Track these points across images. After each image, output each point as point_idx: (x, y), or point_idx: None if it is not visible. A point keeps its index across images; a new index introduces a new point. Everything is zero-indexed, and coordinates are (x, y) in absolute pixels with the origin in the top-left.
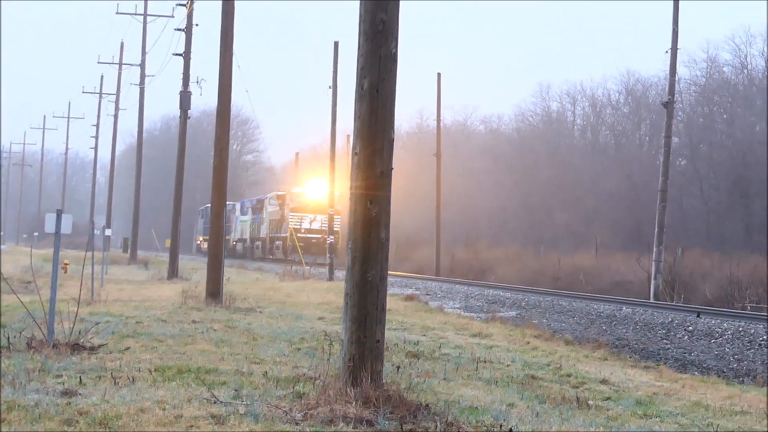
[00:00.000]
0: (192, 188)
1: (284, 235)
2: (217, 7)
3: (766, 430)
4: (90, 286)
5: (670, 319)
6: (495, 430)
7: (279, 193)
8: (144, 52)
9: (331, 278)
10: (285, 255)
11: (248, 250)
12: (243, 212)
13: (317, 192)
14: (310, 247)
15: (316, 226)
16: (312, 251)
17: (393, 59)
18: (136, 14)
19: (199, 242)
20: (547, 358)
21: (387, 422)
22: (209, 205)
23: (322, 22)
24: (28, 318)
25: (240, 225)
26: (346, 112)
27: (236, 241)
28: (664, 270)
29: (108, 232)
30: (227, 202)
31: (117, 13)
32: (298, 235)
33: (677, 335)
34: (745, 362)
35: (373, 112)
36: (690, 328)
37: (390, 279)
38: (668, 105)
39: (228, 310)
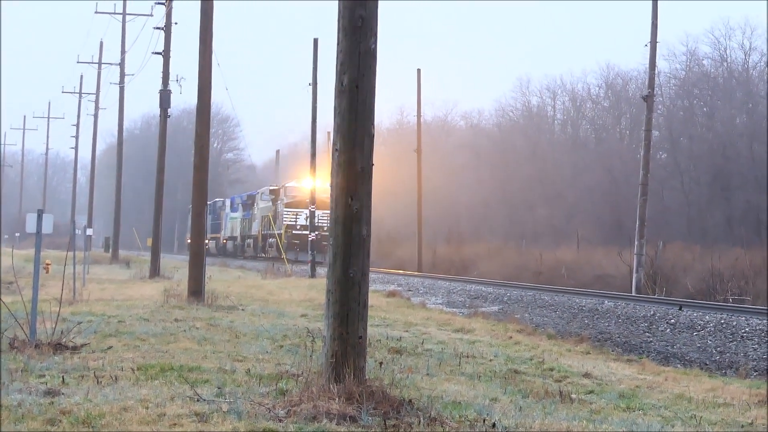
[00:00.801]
0: (173, 187)
1: (278, 232)
2: (196, 5)
3: (748, 422)
4: (72, 286)
5: (652, 313)
6: (478, 424)
7: (272, 187)
8: (123, 51)
9: (313, 275)
10: (280, 253)
11: (239, 249)
12: (233, 209)
13: (316, 184)
14: (305, 244)
15: (312, 222)
16: (309, 249)
17: (372, 55)
18: (115, 13)
19: (188, 241)
20: (530, 352)
21: (370, 418)
22: None
23: (302, 19)
24: (10, 318)
25: (230, 222)
26: (327, 109)
27: (227, 239)
28: (645, 263)
29: (89, 231)
30: (217, 199)
31: (96, 12)
32: (294, 232)
33: (659, 328)
34: (728, 354)
35: (353, 108)
36: (672, 320)
37: (372, 275)
38: (648, 99)
39: (210, 308)
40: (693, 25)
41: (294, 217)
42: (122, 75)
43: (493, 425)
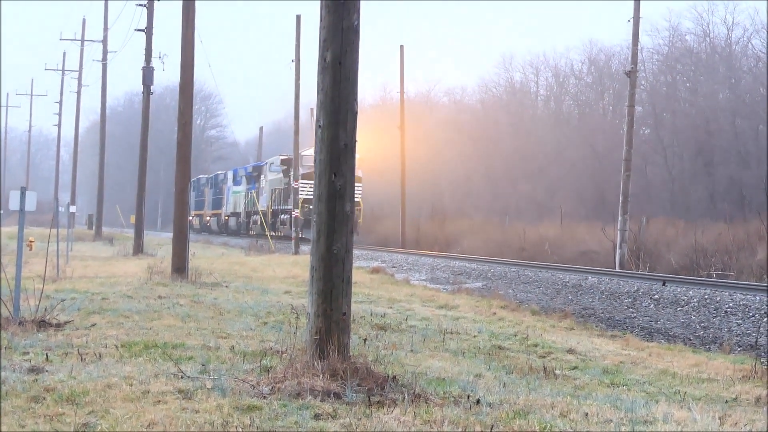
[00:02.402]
0: (156, 164)
1: (292, 207)
2: None
3: (732, 397)
4: (55, 263)
5: (635, 288)
6: (462, 400)
7: (283, 156)
8: (106, 28)
9: (296, 252)
10: (296, 232)
11: (242, 226)
12: (236, 182)
13: None
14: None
15: None
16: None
17: (355, 31)
18: None
19: (190, 218)
20: (514, 328)
21: (354, 394)
22: (202, 175)
23: None
24: None
25: (233, 197)
26: (310, 86)
27: (228, 216)
28: (629, 239)
29: (72, 209)
30: (218, 172)
31: None
32: (311, 206)
33: (643, 304)
34: (711, 330)
35: (336, 84)
36: (656, 296)
37: (355, 252)
38: (631, 74)
39: (194, 285)
40: (676, 1)
41: (312, 190)
42: (105, 52)
43: (477, 401)
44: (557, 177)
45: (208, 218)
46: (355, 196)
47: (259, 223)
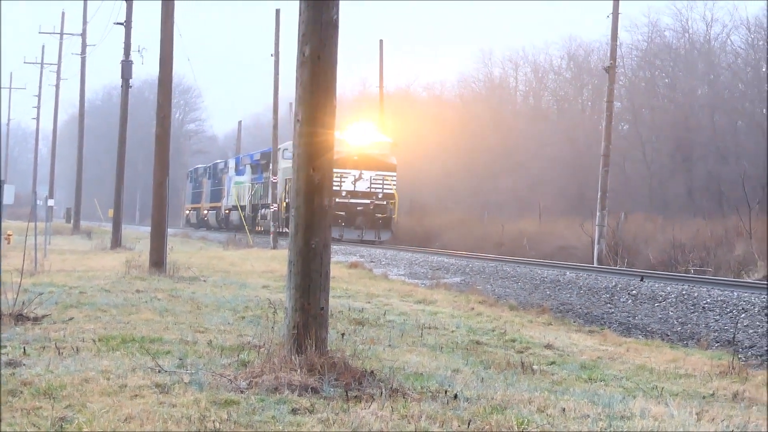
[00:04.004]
0: (135, 158)
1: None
2: None
3: (709, 393)
4: (33, 257)
5: (613, 284)
6: (440, 395)
7: None
8: (85, 22)
9: (275, 246)
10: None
11: (248, 221)
12: (239, 172)
13: (364, 137)
14: (354, 217)
15: (362, 187)
16: (357, 223)
17: (334, 26)
18: None
19: (187, 212)
20: (492, 323)
21: (332, 389)
22: (199, 166)
23: None
24: None
25: (235, 188)
26: (289, 80)
27: (230, 209)
28: (607, 234)
29: (51, 202)
30: (218, 161)
31: None
32: (337, 200)
33: (621, 299)
34: (689, 325)
35: (315, 78)
36: (633, 291)
37: (334, 246)
38: (610, 70)
39: (172, 279)
40: None
41: (338, 180)
42: (84, 45)
43: (455, 396)
44: (537, 172)
45: (205, 212)
46: (388, 188)
47: (269, 218)
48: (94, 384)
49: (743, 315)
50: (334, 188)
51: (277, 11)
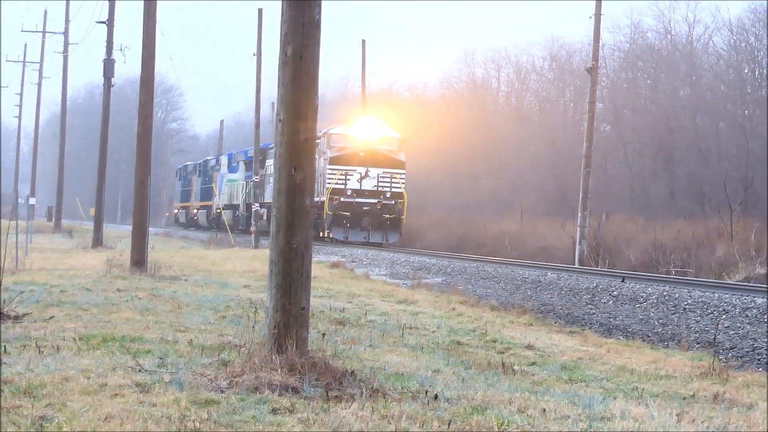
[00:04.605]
0: (116, 156)
1: (316, 199)
2: None
3: (690, 394)
4: (14, 255)
5: (594, 284)
6: (421, 396)
7: None
8: (67, 20)
9: (256, 246)
10: (323, 231)
11: (242, 221)
12: (232, 169)
13: (371, 132)
14: (360, 218)
15: (369, 185)
16: (363, 224)
17: (317, 25)
18: None
19: (176, 211)
20: (473, 323)
21: (312, 389)
22: (188, 163)
23: None
24: None
25: (227, 186)
26: (272, 79)
27: (221, 209)
28: (588, 235)
29: (32, 200)
30: (208, 157)
31: None
32: (342, 199)
33: (602, 300)
34: (670, 326)
35: (297, 78)
36: (615, 292)
37: (315, 246)
38: (592, 71)
39: (153, 278)
40: None
41: (343, 177)
42: (66, 44)
43: (436, 397)
44: (518, 173)
45: (195, 211)
46: (397, 186)
47: (265, 217)
48: (74, 383)
49: (724, 316)
50: (339, 186)
51: (260, 11)
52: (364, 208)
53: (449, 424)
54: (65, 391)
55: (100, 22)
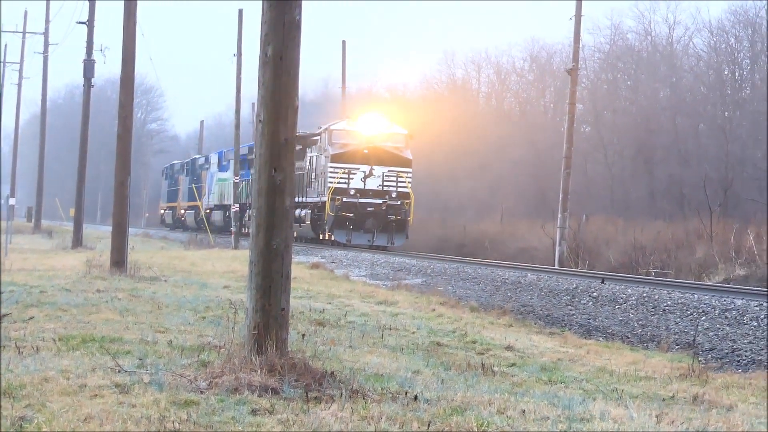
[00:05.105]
0: (96, 157)
1: (316, 199)
2: None
3: (669, 395)
4: None
5: (574, 286)
6: (400, 396)
7: (299, 133)
8: (48, 21)
9: (236, 247)
10: (324, 234)
11: (234, 221)
12: (222, 168)
13: (376, 127)
14: (364, 219)
15: (373, 184)
16: (367, 226)
17: (297, 26)
18: None
19: (162, 211)
20: (453, 325)
21: (292, 390)
22: (175, 162)
23: None
24: None
25: (218, 186)
26: (252, 80)
27: (212, 209)
28: (568, 236)
29: (12, 201)
30: (196, 156)
31: None
32: (345, 199)
33: (582, 301)
34: (650, 328)
35: (277, 79)
36: (594, 294)
37: (295, 247)
38: (572, 72)
39: (133, 279)
40: (618, 0)
41: (345, 176)
42: (46, 44)
43: (415, 397)
44: (498, 174)
45: (182, 211)
46: (403, 186)
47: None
48: (53, 383)
49: (703, 318)
50: (341, 185)
51: (240, 11)
52: (368, 208)
53: (429, 425)
54: (45, 391)
55: (80, 23)
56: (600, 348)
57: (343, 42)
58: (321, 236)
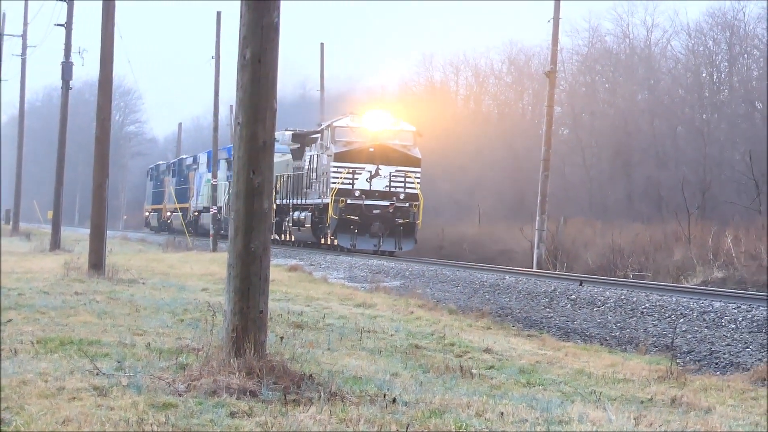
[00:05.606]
0: (74, 160)
1: (317, 201)
2: None
3: (647, 398)
4: None
5: (552, 288)
6: (379, 399)
7: (292, 130)
8: (26, 23)
9: (214, 249)
10: (325, 238)
11: (225, 224)
12: (211, 168)
13: (382, 124)
14: (369, 223)
15: (379, 185)
16: (373, 230)
17: (275, 29)
18: None
19: (147, 214)
20: (431, 327)
21: (270, 393)
22: (161, 162)
23: None
24: None
25: (206, 187)
26: (230, 83)
27: (199, 211)
28: (546, 239)
29: None
30: (183, 156)
31: None
32: (349, 201)
33: (560, 304)
34: (628, 330)
35: (256, 82)
36: (572, 296)
37: (273, 249)
38: (550, 74)
39: (111, 281)
40: (596, 2)
41: (350, 176)
42: (24, 46)
43: (394, 400)
44: (476, 176)
45: (168, 214)
46: (411, 187)
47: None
48: (32, 386)
49: (681, 320)
50: (346, 187)
51: (218, 13)
52: (375, 211)
53: (407, 428)
54: (23, 394)
55: (58, 25)
56: (578, 350)
57: (322, 45)
58: (322, 241)
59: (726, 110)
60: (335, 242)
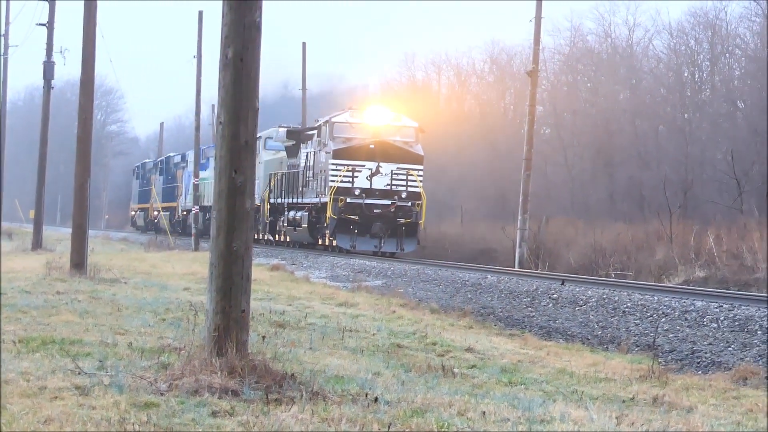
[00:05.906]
0: (56, 159)
1: (314, 200)
2: None
3: (629, 397)
4: None
5: (534, 287)
6: (361, 398)
7: (286, 127)
8: (7, 23)
9: (196, 248)
10: (323, 239)
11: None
12: (201, 166)
13: (383, 120)
14: (370, 223)
15: (380, 183)
16: (374, 230)
17: (257, 28)
18: None
19: (133, 213)
20: (413, 326)
21: (252, 392)
22: (147, 160)
23: None
24: None
25: (194, 187)
26: (212, 82)
27: (188, 211)
28: (528, 238)
29: None
30: (171, 154)
31: None
32: (348, 200)
33: (542, 303)
34: (609, 329)
35: (237, 81)
36: (554, 295)
37: (255, 249)
38: (532, 74)
39: (93, 280)
40: (578, 1)
41: (349, 174)
42: (6, 46)
43: (376, 399)
44: (458, 175)
45: (155, 213)
46: (414, 185)
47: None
48: (13, 386)
49: (663, 319)
50: (345, 185)
51: (200, 13)
52: (375, 210)
53: (389, 427)
54: (4, 393)
55: (40, 25)
56: (560, 350)
57: (304, 44)
58: (320, 241)
59: (708, 110)
60: (334, 243)
